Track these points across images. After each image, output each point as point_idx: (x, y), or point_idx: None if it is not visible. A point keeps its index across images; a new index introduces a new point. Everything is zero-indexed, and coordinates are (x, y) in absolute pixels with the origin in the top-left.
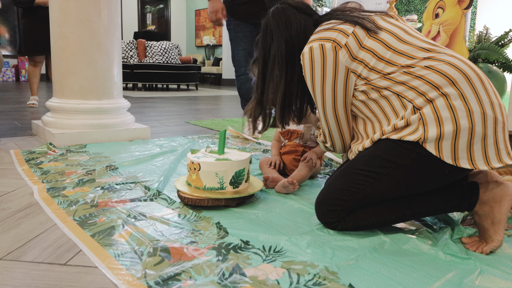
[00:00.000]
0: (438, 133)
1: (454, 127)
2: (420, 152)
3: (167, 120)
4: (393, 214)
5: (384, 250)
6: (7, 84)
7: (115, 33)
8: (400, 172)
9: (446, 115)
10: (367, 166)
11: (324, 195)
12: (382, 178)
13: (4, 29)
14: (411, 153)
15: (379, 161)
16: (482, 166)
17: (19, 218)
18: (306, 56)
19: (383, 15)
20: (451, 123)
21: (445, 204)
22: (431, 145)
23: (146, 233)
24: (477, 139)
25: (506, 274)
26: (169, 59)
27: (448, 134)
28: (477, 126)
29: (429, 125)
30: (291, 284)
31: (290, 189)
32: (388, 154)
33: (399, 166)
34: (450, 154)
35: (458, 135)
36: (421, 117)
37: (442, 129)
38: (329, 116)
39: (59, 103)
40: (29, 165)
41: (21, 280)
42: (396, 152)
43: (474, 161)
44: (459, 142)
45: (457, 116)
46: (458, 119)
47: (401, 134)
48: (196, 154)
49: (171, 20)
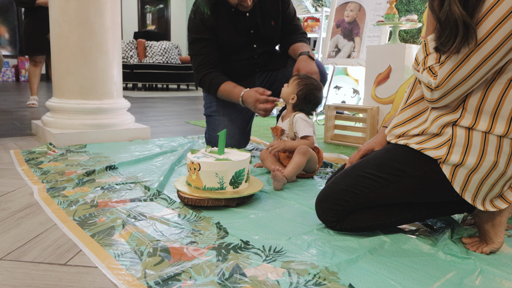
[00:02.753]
0: (460, 160)
1: (476, 162)
2: (434, 168)
3: (167, 120)
4: (393, 217)
5: (384, 250)
6: (7, 84)
7: (115, 33)
8: (409, 182)
9: (476, 146)
10: (376, 171)
11: (326, 193)
12: (389, 185)
13: (4, 29)
14: (426, 167)
15: (390, 168)
16: (479, 206)
17: (19, 218)
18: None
19: None
20: (476, 158)
21: (446, 207)
22: (447, 167)
23: (146, 233)
24: (489, 181)
25: (506, 274)
26: (169, 59)
27: (468, 165)
28: (494, 172)
29: (455, 148)
30: (291, 284)
31: (279, 177)
32: (401, 163)
33: (409, 176)
34: (461, 183)
35: (477, 170)
36: (452, 137)
37: (466, 157)
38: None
39: (59, 103)
40: (29, 165)
41: (21, 280)
42: (410, 162)
43: (475, 199)
44: (474, 176)
45: (485, 152)
46: (485, 155)
47: (423, 145)
48: (196, 154)
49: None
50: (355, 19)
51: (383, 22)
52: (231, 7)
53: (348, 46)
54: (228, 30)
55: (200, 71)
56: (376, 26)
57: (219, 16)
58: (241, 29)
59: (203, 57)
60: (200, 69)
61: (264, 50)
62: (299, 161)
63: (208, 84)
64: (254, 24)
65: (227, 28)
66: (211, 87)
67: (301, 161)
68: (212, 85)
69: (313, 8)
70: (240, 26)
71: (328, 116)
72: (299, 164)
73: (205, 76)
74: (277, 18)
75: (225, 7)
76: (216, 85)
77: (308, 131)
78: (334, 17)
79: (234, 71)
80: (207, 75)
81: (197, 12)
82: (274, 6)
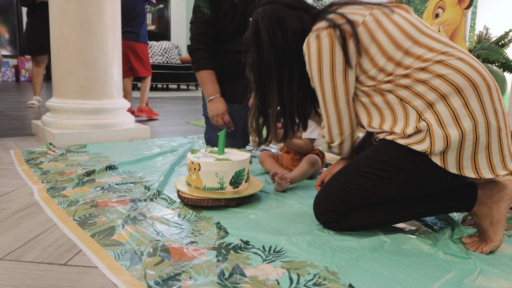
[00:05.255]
0: (444, 146)
1: (460, 139)
2: (423, 159)
3: (167, 120)
4: (392, 214)
5: (384, 250)
6: (7, 84)
7: (115, 33)
8: (401, 176)
9: (452, 128)
10: (368, 168)
11: (323, 195)
12: (383, 181)
13: (4, 29)
14: (415, 158)
15: (381, 164)
16: (487, 175)
17: (19, 218)
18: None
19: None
20: (458, 135)
21: (444, 205)
22: (436, 157)
23: (146, 233)
24: (481, 148)
25: (506, 273)
26: (169, 59)
27: (453, 146)
28: (481, 136)
29: (435, 138)
30: (291, 284)
31: (283, 185)
32: (391, 158)
33: (401, 170)
34: (455, 164)
35: (463, 146)
36: (428, 128)
37: (448, 141)
38: (340, 106)
39: (59, 103)
40: (29, 165)
41: (21, 280)
42: (400, 157)
43: (479, 170)
44: (464, 152)
45: (463, 128)
46: (464, 131)
47: (408, 140)
48: (196, 154)
49: (171, 20)
50: None
51: None
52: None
53: None
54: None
55: (196, 40)
56: None
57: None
58: (239, 11)
59: (203, 25)
60: (197, 38)
61: None
62: (306, 169)
63: (196, 59)
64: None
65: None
66: (196, 64)
67: (308, 170)
68: (197, 63)
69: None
70: (239, 7)
71: None
72: (305, 172)
73: (198, 51)
74: None
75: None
76: (201, 67)
77: (315, 135)
78: None
79: (221, 65)
80: (201, 51)
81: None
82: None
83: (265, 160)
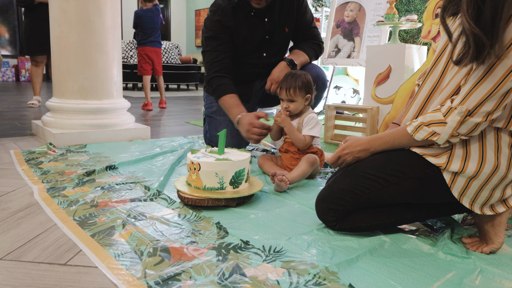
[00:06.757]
0: (460, 168)
1: (477, 169)
2: (435, 171)
3: (167, 120)
4: (393, 217)
5: (384, 250)
6: (7, 84)
7: (115, 33)
8: (409, 183)
9: (475, 155)
10: (377, 172)
11: (326, 192)
12: (390, 186)
13: (4, 29)
14: (427, 169)
15: (390, 169)
16: (477, 210)
17: (19, 218)
18: None
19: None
20: (476, 165)
21: (445, 208)
22: (447, 174)
23: (146, 233)
24: (489, 186)
25: (506, 274)
26: (169, 59)
27: (469, 172)
28: (495, 176)
29: (455, 158)
30: (291, 284)
31: (282, 186)
32: (402, 164)
33: (410, 178)
34: (460, 189)
35: (477, 176)
36: (451, 147)
37: (465, 166)
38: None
39: (59, 103)
40: (29, 165)
41: (21, 280)
42: (412, 164)
43: (473, 203)
44: (474, 182)
45: (485, 158)
46: (485, 161)
47: (424, 151)
48: (196, 154)
49: (171, 20)
50: (355, 19)
51: (383, 22)
52: (250, 11)
53: (348, 46)
54: (245, 33)
55: (212, 69)
56: (376, 26)
57: (238, 19)
58: (257, 34)
59: (218, 53)
60: (213, 67)
61: (271, 62)
62: (305, 169)
63: (214, 87)
64: (270, 30)
65: (244, 31)
66: (216, 92)
67: (307, 170)
68: (217, 91)
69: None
70: (257, 31)
71: (328, 116)
72: (305, 172)
73: (216, 78)
74: (290, 25)
75: (244, 11)
76: (221, 93)
77: (315, 132)
78: (334, 17)
79: (236, 75)
80: (218, 78)
81: (216, 13)
82: (290, 12)
83: (264, 163)
